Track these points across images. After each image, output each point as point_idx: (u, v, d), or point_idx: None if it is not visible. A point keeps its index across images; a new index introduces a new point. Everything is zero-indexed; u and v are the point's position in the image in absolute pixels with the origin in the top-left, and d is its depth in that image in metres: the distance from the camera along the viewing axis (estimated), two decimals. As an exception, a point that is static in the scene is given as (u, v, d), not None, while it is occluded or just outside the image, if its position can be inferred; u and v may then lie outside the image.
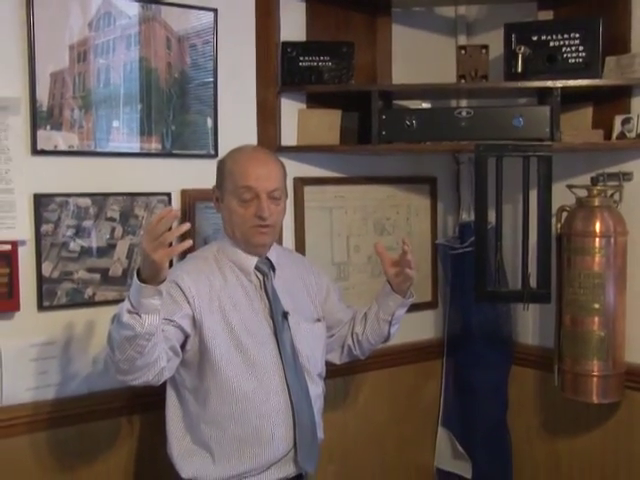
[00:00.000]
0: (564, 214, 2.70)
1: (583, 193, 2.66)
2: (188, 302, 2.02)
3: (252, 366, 2.05)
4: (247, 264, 2.15)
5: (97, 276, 2.39)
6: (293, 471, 2.12)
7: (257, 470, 2.06)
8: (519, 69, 2.61)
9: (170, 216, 1.74)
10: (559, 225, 2.69)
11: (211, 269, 2.11)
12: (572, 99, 2.64)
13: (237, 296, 2.10)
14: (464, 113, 2.62)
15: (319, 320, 2.28)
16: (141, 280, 1.76)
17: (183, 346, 2.03)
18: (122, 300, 2.32)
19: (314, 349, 2.23)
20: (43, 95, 2.26)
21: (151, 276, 1.76)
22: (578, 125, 2.71)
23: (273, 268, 2.19)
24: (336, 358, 2.41)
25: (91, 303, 2.38)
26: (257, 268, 2.15)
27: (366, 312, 2.38)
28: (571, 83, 2.54)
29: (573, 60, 2.57)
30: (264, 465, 2.06)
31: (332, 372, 2.55)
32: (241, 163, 2.12)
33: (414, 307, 3.08)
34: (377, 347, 2.45)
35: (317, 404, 2.20)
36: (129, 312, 1.78)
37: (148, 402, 2.36)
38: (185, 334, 2.02)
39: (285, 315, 2.14)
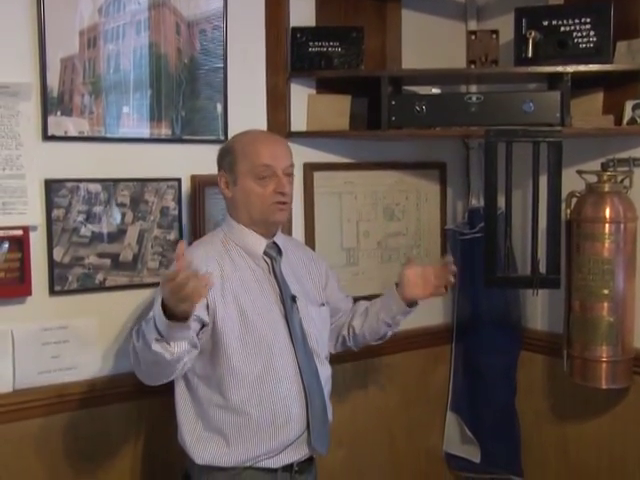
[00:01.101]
0: (574, 200, 2.69)
1: (593, 179, 2.65)
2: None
3: (264, 349, 2.06)
4: (256, 248, 2.16)
5: (108, 261, 2.40)
6: (306, 453, 2.14)
7: (272, 452, 2.07)
8: (529, 54, 2.60)
9: (191, 275, 1.70)
10: (569, 211, 2.68)
11: (220, 254, 2.12)
12: (583, 84, 2.63)
13: (247, 280, 2.11)
14: (474, 98, 2.62)
15: (323, 305, 2.29)
16: (168, 316, 1.75)
17: (197, 334, 2.04)
18: (132, 286, 2.41)
19: (322, 332, 2.25)
20: (53, 81, 2.27)
21: (181, 316, 1.77)
22: (588, 110, 2.70)
23: (280, 252, 2.20)
24: (331, 347, 2.41)
25: (102, 288, 2.40)
26: (265, 252, 2.16)
27: (367, 307, 2.38)
28: (582, 68, 2.53)
29: (584, 45, 2.56)
30: (279, 448, 2.08)
31: (341, 357, 2.56)
32: (255, 144, 2.14)
33: None
34: (371, 344, 2.45)
35: (327, 387, 2.22)
36: (157, 341, 1.80)
37: (160, 386, 2.36)
38: (203, 324, 2.03)
39: (294, 299, 2.16)
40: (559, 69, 2.54)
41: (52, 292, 2.32)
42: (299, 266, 2.28)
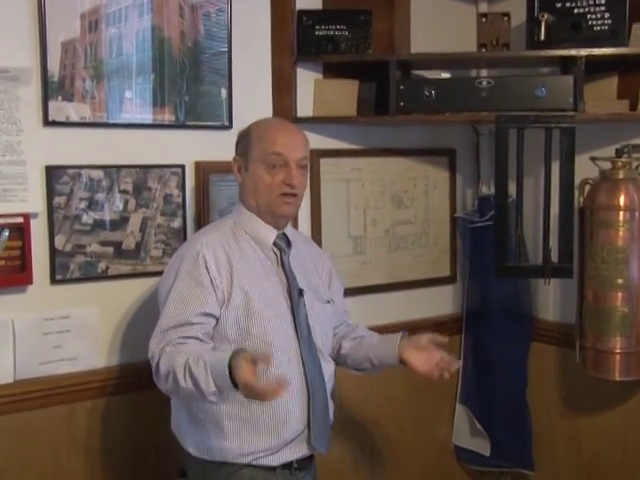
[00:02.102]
0: (587, 187, 2.67)
1: (607, 165, 2.63)
2: (213, 285, 2.01)
3: (269, 340, 2.05)
4: (266, 238, 2.14)
5: (110, 249, 2.40)
6: (306, 452, 2.12)
7: (271, 450, 2.06)
8: (542, 37, 2.58)
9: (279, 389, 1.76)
10: (582, 198, 2.67)
11: (228, 242, 2.10)
12: (597, 68, 2.60)
13: (255, 270, 2.09)
14: (485, 83, 2.61)
15: (329, 302, 2.27)
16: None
17: None
18: (135, 274, 2.42)
19: (326, 328, 2.24)
20: (54, 65, 2.26)
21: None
22: (602, 95, 2.68)
23: (289, 244, 2.19)
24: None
25: (104, 277, 2.40)
26: (275, 243, 2.15)
27: (363, 337, 2.35)
28: (596, 52, 2.51)
29: (598, 27, 2.53)
30: (278, 445, 2.06)
31: None
32: (271, 131, 2.12)
33: (432, 282, 3.16)
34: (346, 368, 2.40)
35: (330, 383, 2.21)
36: (214, 394, 1.81)
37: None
38: (216, 319, 2.03)
39: (301, 292, 2.14)
40: (572, 53, 2.53)
41: (53, 281, 2.32)
42: (307, 260, 2.27)
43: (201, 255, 2.02)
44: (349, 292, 2.64)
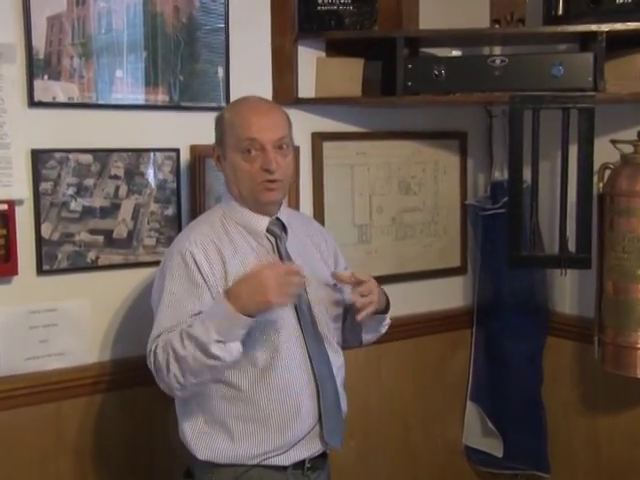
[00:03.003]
0: (607, 172, 2.66)
1: (629, 149, 2.62)
2: (207, 283, 2.00)
3: (272, 334, 2.03)
4: (258, 226, 2.12)
5: (100, 238, 2.39)
6: (319, 448, 2.11)
7: (282, 449, 2.05)
8: (560, 12, 2.57)
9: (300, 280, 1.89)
10: (601, 184, 2.66)
11: (219, 236, 2.08)
12: (619, 45, 2.57)
13: (249, 262, 2.07)
14: (498, 61, 2.59)
15: (335, 285, 2.24)
16: (243, 313, 1.85)
17: None
18: (127, 265, 2.42)
19: (333, 316, 2.21)
20: (39, 42, 2.24)
21: (258, 312, 1.89)
22: (624, 74, 2.64)
23: (285, 229, 2.16)
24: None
25: (94, 267, 2.39)
26: (268, 230, 2.13)
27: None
28: (618, 27, 2.49)
29: (621, 0, 2.50)
30: (289, 443, 2.05)
31: None
32: (242, 114, 2.09)
33: (442, 273, 3.17)
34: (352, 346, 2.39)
35: (340, 375, 2.20)
36: (217, 342, 1.85)
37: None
38: None
39: None
40: (593, 28, 2.51)
41: (40, 271, 2.31)
42: (307, 244, 2.25)
43: (190, 254, 2.00)
44: (354, 283, 2.63)
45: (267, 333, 2.03)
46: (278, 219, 2.15)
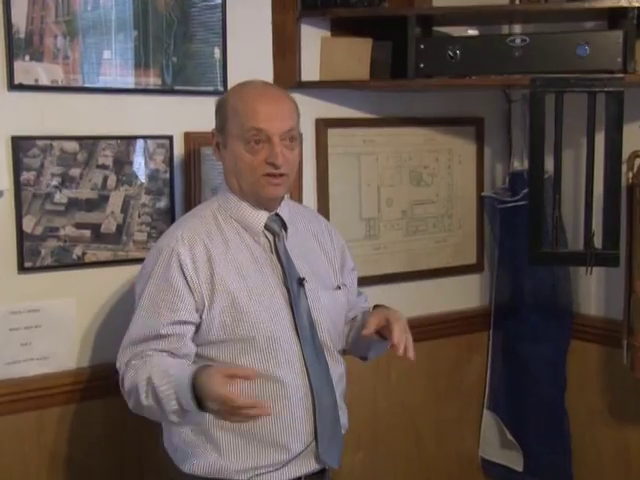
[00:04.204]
0: (637, 161, 2.66)
1: (660, 136, 2.63)
2: (189, 287, 1.98)
3: (263, 343, 2.02)
4: (255, 222, 2.10)
5: (87, 232, 2.39)
6: (315, 467, 2.10)
7: (273, 466, 2.04)
8: (586, -15, 2.57)
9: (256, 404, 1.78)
10: (631, 174, 2.66)
11: (209, 232, 2.06)
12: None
13: (242, 261, 2.06)
14: (518, 41, 2.58)
15: (339, 287, 2.23)
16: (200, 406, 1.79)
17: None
18: (116, 261, 2.43)
19: (335, 322, 2.20)
20: (20, 19, 2.23)
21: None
22: (657, 54, 2.65)
23: (285, 226, 2.15)
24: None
25: (80, 264, 2.39)
26: (266, 227, 2.11)
27: (356, 317, 2.32)
28: (651, 1, 2.50)
29: (654, -28, 2.52)
30: (283, 460, 2.04)
31: None
32: (249, 100, 2.06)
33: (456, 271, 3.17)
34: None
35: (340, 386, 2.18)
36: (175, 413, 1.84)
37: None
38: (196, 325, 2.01)
39: (301, 282, 2.10)
40: (622, 3, 2.50)
41: (21, 269, 2.31)
42: (309, 241, 2.24)
43: (175, 253, 1.99)
44: (360, 282, 2.62)
45: (258, 342, 2.02)
46: (277, 215, 2.13)
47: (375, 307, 2.23)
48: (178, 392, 1.80)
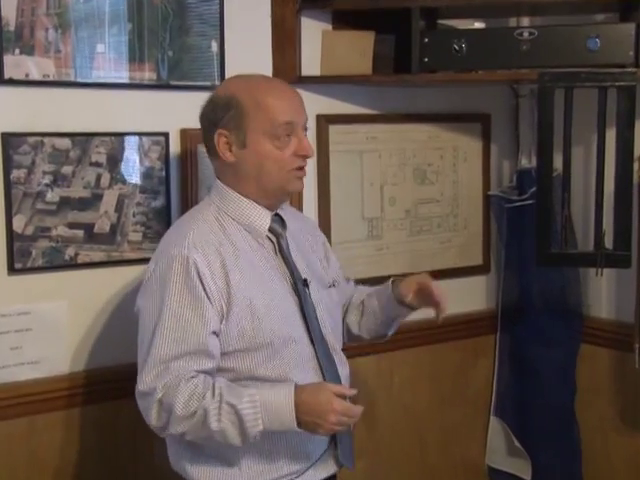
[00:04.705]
0: (649, 158, 2.67)
1: (673, 132, 2.62)
2: (209, 298, 1.94)
3: (282, 348, 2.01)
4: (259, 224, 2.07)
5: (80, 233, 2.38)
6: (333, 470, 2.12)
7: (295, 473, 2.03)
8: (597, -24, 2.59)
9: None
10: (643, 172, 2.67)
11: (218, 237, 2.02)
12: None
13: (253, 265, 2.03)
14: (526, 34, 2.58)
15: (333, 285, 2.24)
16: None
17: None
18: (110, 262, 2.42)
19: (336, 320, 2.21)
20: (9, 11, 2.23)
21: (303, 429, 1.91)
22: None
23: (285, 226, 2.14)
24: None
25: (73, 265, 2.38)
26: (270, 228, 2.09)
27: (364, 301, 2.33)
28: (665, -8, 2.50)
29: (669, -40, 2.53)
30: (301, 468, 2.04)
31: (361, 349, 2.56)
32: (272, 95, 2.03)
33: (462, 272, 3.18)
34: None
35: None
36: (256, 436, 1.89)
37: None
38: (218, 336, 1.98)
39: (305, 282, 2.10)
40: (636, -7, 2.51)
41: (12, 270, 2.30)
42: (301, 239, 2.23)
43: (192, 261, 1.93)
44: (362, 283, 2.60)
45: (275, 348, 2.00)
46: (277, 215, 2.12)
47: (393, 281, 2.27)
48: (267, 412, 1.85)
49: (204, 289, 1.92)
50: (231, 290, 1.96)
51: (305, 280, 2.10)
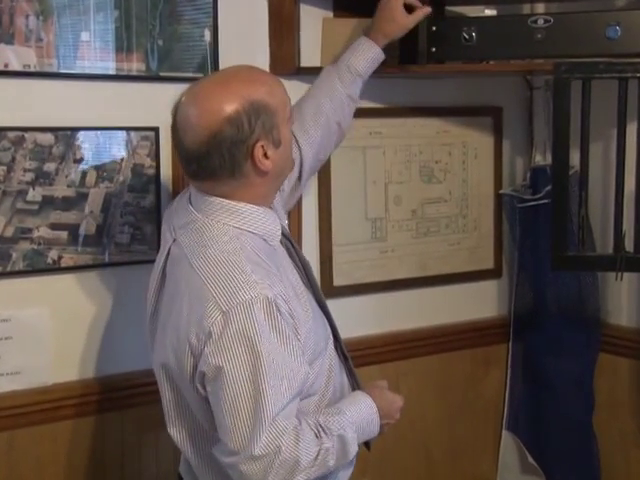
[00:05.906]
0: (673, 155, 2.67)
1: (698, 127, 2.62)
2: (293, 331, 1.85)
3: (324, 350, 2.00)
4: (274, 228, 1.98)
5: (64, 234, 2.39)
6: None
7: None
8: (616, -41, 2.58)
9: None
10: (666, 170, 2.67)
11: (263, 262, 1.88)
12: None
13: (292, 281, 1.97)
14: (541, 22, 2.56)
15: None
16: None
17: None
18: (96, 266, 2.43)
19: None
20: (-13, -4, 2.25)
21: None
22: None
23: None
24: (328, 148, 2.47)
25: (56, 269, 2.39)
26: (282, 233, 2.02)
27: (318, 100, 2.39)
28: (689, -23, 2.50)
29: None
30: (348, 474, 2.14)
31: (366, 358, 2.58)
32: (269, 79, 1.99)
33: (472, 276, 3.18)
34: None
35: None
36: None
37: (131, 395, 2.38)
38: None
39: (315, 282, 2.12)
40: (658, -22, 2.51)
41: (-10, 274, 2.32)
42: None
43: (272, 300, 1.79)
44: (366, 288, 2.61)
45: (324, 349, 2.01)
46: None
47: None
48: (363, 430, 1.97)
49: (287, 324, 1.82)
50: (294, 313, 1.87)
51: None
